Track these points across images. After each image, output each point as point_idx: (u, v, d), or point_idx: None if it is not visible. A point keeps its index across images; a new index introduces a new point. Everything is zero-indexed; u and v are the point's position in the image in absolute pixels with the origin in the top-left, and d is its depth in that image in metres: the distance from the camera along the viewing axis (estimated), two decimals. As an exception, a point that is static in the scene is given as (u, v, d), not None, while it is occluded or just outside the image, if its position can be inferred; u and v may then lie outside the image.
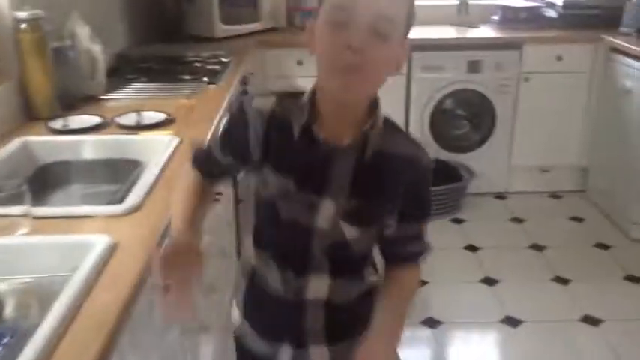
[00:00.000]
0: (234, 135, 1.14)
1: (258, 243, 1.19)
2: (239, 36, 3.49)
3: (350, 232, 1.09)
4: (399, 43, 0.99)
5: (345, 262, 1.14)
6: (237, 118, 1.12)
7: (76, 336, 0.93)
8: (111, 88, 2.29)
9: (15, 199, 1.23)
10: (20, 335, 1.02)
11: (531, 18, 3.70)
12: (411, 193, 1.09)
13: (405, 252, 1.17)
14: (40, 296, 1.12)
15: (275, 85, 3.41)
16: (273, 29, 3.69)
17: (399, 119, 3.57)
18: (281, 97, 1.10)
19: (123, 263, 1.13)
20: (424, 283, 2.80)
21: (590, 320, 2.55)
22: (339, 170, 1.06)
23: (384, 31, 0.95)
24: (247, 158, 1.11)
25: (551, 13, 3.69)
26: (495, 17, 3.78)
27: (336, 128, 1.05)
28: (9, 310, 1.06)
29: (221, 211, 2.19)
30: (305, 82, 1.08)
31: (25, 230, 1.21)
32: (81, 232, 1.23)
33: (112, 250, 1.15)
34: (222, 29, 3.44)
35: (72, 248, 1.17)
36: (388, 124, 1.08)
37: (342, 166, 1.06)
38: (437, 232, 3.22)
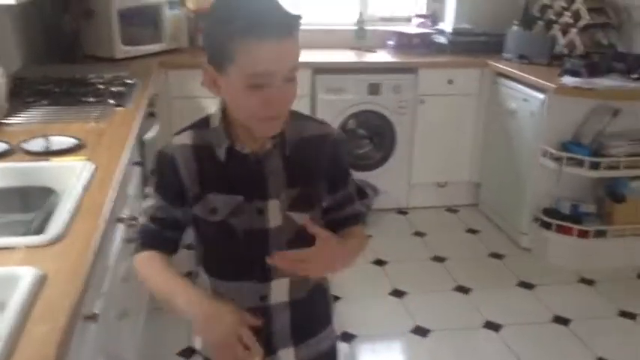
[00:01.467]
0: (168, 184, 1.17)
1: (212, 269, 1.24)
2: (140, 57, 3.43)
3: (299, 218, 1.18)
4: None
5: None
6: (164, 166, 1.16)
7: (16, 374, 0.89)
8: (11, 112, 2.18)
9: None
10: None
11: (424, 44, 3.93)
12: (332, 164, 1.22)
13: (344, 215, 1.27)
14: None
15: (179, 106, 3.38)
16: (175, 50, 3.65)
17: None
18: (194, 129, 1.18)
19: (54, 295, 1.09)
20: (336, 298, 2.87)
21: (492, 326, 2.72)
22: (270, 171, 1.17)
23: (293, 76, 1.08)
24: (188, 197, 1.16)
25: (442, 40, 3.94)
26: (391, 42, 3.98)
27: (257, 139, 1.15)
28: None
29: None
30: (211, 102, 1.16)
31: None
32: (3, 265, 1.17)
33: (41, 282, 1.11)
34: (122, 50, 3.36)
35: (-4, 282, 1.11)
36: (293, 114, 1.18)
37: (272, 167, 1.17)
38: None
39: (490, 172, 3.82)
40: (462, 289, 3.02)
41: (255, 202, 1.16)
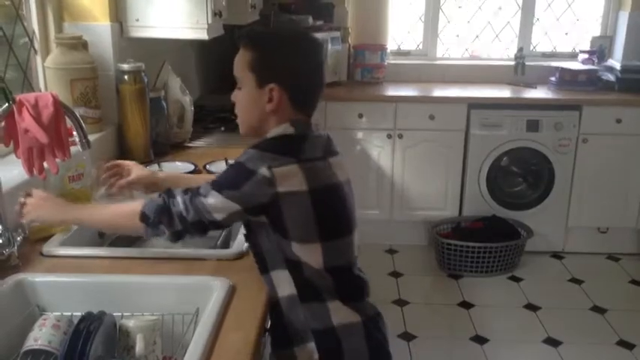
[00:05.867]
0: None
1: None
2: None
3: None
4: (254, 89, 1.28)
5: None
6: None
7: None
8: (194, 136, 2.40)
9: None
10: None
11: (590, 81, 3.75)
12: None
13: None
14: (163, 334, 1.17)
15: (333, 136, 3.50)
16: (334, 83, 3.80)
17: (455, 174, 3.62)
18: None
19: (244, 305, 1.18)
20: (484, 340, 2.78)
21: (661, 388, 2.49)
22: None
23: (239, 84, 1.32)
24: None
25: (609, 77, 3.73)
26: (553, 78, 3.84)
27: None
28: (139, 347, 1.11)
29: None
30: (365, 134, 1.19)
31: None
32: (199, 273, 1.29)
33: (232, 292, 1.21)
34: (287, 82, 3.56)
35: (193, 289, 1.23)
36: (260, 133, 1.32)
37: None
38: (494, 288, 3.26)
39: (660, 220, 3.52)
40: (626, 345, 2.78)
41: None
